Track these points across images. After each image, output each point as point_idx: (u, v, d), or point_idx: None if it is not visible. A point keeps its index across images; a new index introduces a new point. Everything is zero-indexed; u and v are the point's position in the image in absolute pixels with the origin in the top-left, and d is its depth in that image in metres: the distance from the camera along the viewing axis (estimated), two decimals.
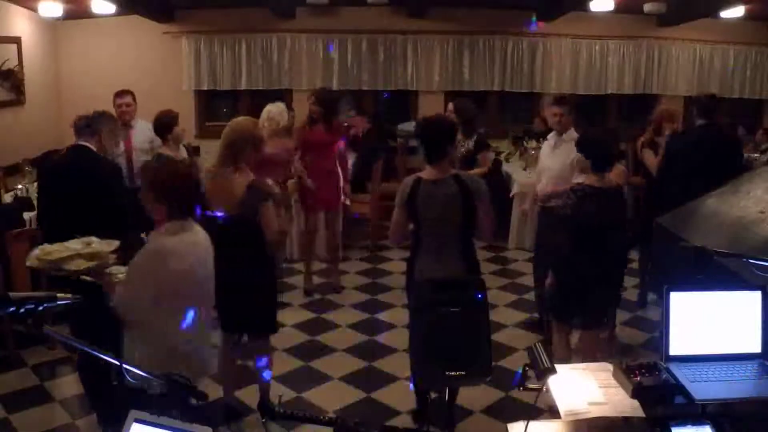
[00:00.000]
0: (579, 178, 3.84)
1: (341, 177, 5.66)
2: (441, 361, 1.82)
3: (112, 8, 7.31)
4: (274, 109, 5.36)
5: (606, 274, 3.46)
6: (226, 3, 8.06)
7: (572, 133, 4.46)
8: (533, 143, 7.07)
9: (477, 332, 1.87)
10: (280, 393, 3.52)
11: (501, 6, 8.23)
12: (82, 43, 8.19)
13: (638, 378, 1.90)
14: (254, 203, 3.30)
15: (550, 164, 4.59)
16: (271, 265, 3.55)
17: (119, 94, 5.27)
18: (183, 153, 4.79)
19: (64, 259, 2.40)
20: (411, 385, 3.67)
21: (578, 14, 8.07)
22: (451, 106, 5.21)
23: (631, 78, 8.54)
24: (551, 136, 4.72)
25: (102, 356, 1.72)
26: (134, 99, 5.26)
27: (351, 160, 6.92)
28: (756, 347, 2.05)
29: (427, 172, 3.25)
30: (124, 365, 1.71)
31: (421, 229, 3.26)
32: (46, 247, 2.49)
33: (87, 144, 3.58)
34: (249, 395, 3.86)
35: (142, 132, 5.17)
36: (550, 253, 3.82)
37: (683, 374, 1.93)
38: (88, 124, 3.61)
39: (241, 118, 3.64)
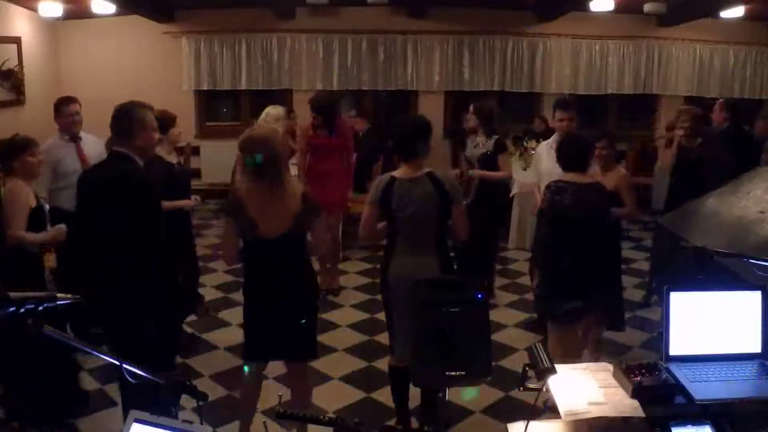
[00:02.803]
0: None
1: (347, 180, 5.58)
2: (441, 361, 1.82)
3: (112, 8, 7.31)
4: (273, 112, 5.32)
5: (595, 265, 3.47)
6: (226, 3, 8.06)
7: None
8: (533, 143, 7.06)
9: (477, 332, 1.86)
10: (280, 393, 3.51)
11: (501, 6, 8.24)
12: (82, 43, 8.20)
13: (638, 378, 1.90)
14: (310, 217, 3.03)
15: (555, 168, 4.57)
16: (315, 282, 3.29)
17: (67, 101, 4.51)
18: (173, 157, 4.44)
19: None
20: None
21: (578, 14, 8.08)
22: (470, 108, 5.20)
23: (631, 78, 8.55)
24: (553, 139, 4.70)
25: (102, 356, 1.72)
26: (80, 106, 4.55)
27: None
28: (756, 347, 2.05)
29: (402, 171, 3.24)
30: (124, 365, 1.71)
31: (396, 227, 3.24)
32: None
33: (123, 150, 3.00)
34: None
35: (93, 147, 4.45)
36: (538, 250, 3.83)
37: (683, 374, 1.93)
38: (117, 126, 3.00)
39: (260, 129, 3.16)
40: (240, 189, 3.03)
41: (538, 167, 4.87)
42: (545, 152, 4.76)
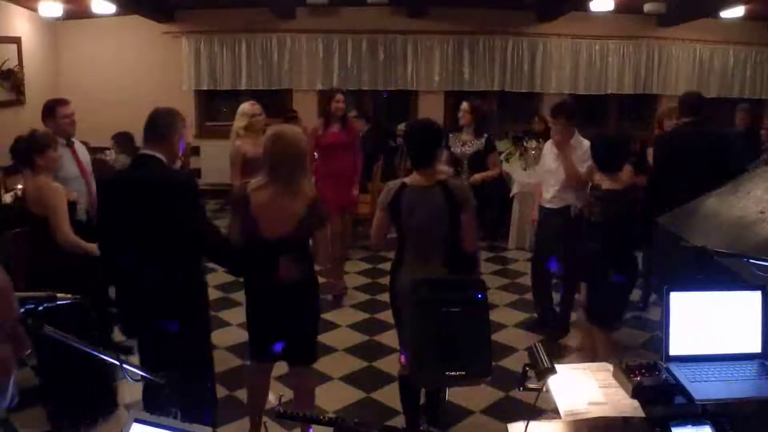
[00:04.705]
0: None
1: (358, 179, 5.60)
2: (441, 361, 1.82)
3: (112, 8, 7.32)
4: (239, 110, 5.17)
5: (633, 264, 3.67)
6: (226, 3, 8.07)
7: (576, 137, 4.50)
8: (533, 143, 7.07)
9: (477, 332, 1.87)
10: (281, 393, 3.51)
11: (501, 6, 8.24)
12: (82, 43, 8.21)
13: (638, 378, 1.90)
14: (313, 224, 2.98)
15: (557, 168, 4.58)
16: (317, 287, 3.22)
17: (62, 102, 4.21)
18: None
19: None
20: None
21: (578, 14, 8.08)
22: (465, 105, 5.22)
23: (631, 78, 8.55)
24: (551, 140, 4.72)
25: (102, 356, 1.72)
26: None
27: None
28: (756, 347, 2.04)
29: (413, 178, 3.16)
30: (124, 365, 1.72)
31: (405, 237, 3.18)
32: None
33: (155, 153, 2.88)
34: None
35: (83, 152, 4.33)
36: (589, 261, 3.77)
37: (683, 374, 1.93)
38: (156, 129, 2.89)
39: (287, 128, 3.13)
40: (251, 184, 3.00)
41: (542, 166, 4.87)
42: (548, 151, 4.77)
